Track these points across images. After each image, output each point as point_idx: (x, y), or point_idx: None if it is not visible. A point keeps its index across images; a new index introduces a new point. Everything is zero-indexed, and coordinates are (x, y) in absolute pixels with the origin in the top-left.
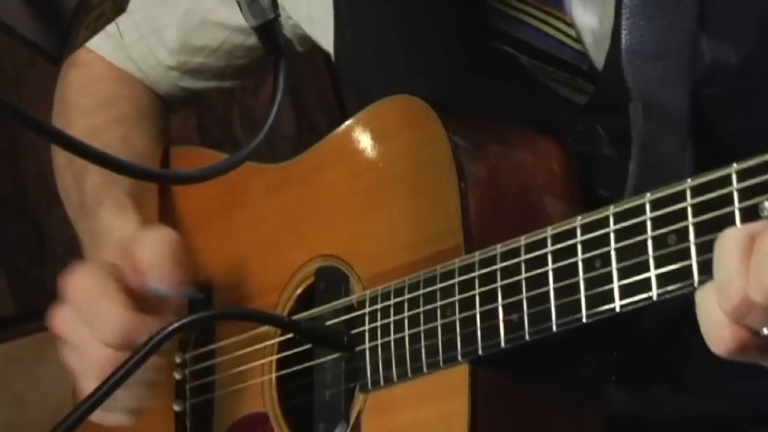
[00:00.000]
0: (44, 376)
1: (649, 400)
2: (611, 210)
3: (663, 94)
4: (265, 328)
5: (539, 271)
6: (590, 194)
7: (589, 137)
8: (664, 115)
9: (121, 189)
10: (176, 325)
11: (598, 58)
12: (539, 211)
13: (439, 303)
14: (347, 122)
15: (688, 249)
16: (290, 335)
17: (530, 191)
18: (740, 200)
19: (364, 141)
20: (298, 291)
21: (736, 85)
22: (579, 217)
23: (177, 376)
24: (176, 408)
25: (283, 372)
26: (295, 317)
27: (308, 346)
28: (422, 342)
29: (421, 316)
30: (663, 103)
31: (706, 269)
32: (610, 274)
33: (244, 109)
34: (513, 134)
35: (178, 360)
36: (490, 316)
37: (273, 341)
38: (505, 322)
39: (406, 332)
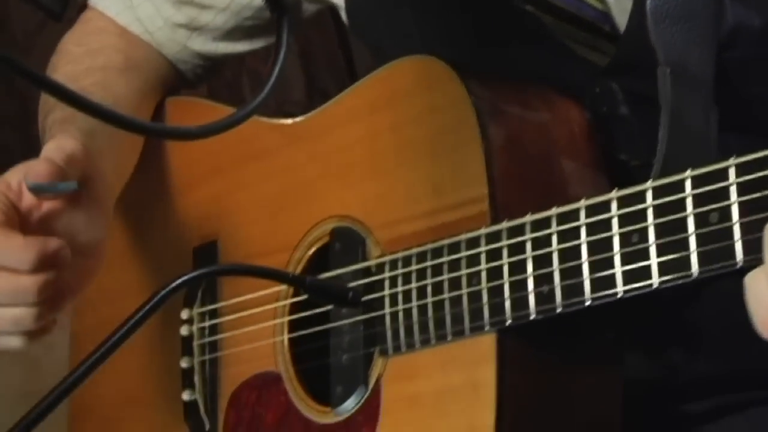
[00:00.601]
0: (59, 342)
1: (665, 366)
2: (649, 185)
3: (689, 58)
4: (275, 289)
5: (572, 243)
6: (609, 157)
7: (607, 99)
8: (691, 79)
9: (77, 125)
10: (181, 279)
11: (621, 19)
12: (562, 175)
13: (464, 271)
14: (362, 81)
15: (731, 228)
16: (302, 297)
17: (553, 155)
18: None
19: (381, 101)
20: (311, 251)
21: (758, 49)
22: (614, 191)
23: (183, 332)
24: (183, 365)
25: (297, 334)
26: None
27: (322, 308)
28: (447, 310)
29: (446, 284)
30: (689, 67)
31: (749, 250)
32: (647, 249)
33: (253, 73)
34: (534, 96)
35: (184, 316)
36: (519, 287)
37: (284, 302)
38: (535, 294)
39: (429, 299)
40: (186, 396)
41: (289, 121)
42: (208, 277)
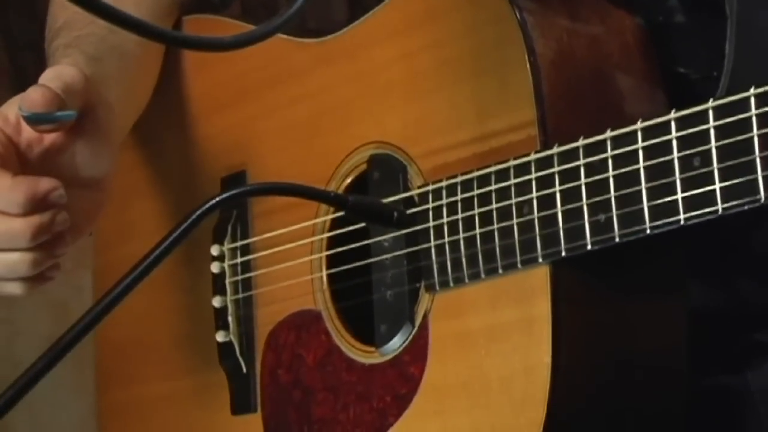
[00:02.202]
0: (87, 284)
1: (732, 295)
2: (710, 104)
3: None
4: (310, 222)
5: (629, 168)
6: (666, 71)
7: (662, 7)
8: None
9: (81, 49)
10: (218, 198)
11: None
12: (617, 93)
13: (514, 200)
14: None
15: None
16: (340, 230)
17: (607, 71)
18: None
19: (419, 17)
20: (347, 181)
21: None
22: (673, 111)
23: (214, 269)
24: (216, 304)
25: (336, 270)
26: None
27: (362, 243)
28: (496, 241)
29: (494, 214)
30: None
31: None
32: (711, 174)
33: None
34: (584, 7)
35: (214, 252)
36: (573, 216)
37: (322, 236)
38: (591, 223)
39: (477, 230)
40: (220, 337)
41: (321, 40)
42: (248, 197)
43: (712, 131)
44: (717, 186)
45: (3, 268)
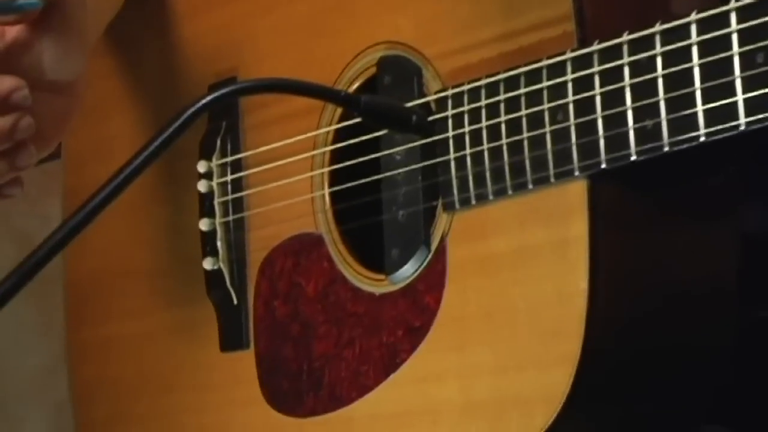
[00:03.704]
0: (54, 214)
1: None
2: None
3: None
4: (311, 134)
5: (681, 67)
6: None
7: None
8: None
9: None
10: (212, 95)
11: None
12: None
13: (546, 105)
14: None
15: None
16: (343, 144)
17: None
18: None
19: None
20: (355, 85)
21: None
22: (732, 1)
23: (201, 188)
24: (203, 227)
25: (340, 187)
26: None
27: (371, 156)
28: (526, 153)
29: (524, 121)
30: None
31: None
32: None
33: None
34: None
35: (202, 169)
36: (615, 122)
37: (323, 149)
38: (636, 130)
39: (504, 140)
40: (207, 265)
41: None
42: (245, 95)
43: None
44: None
45: None
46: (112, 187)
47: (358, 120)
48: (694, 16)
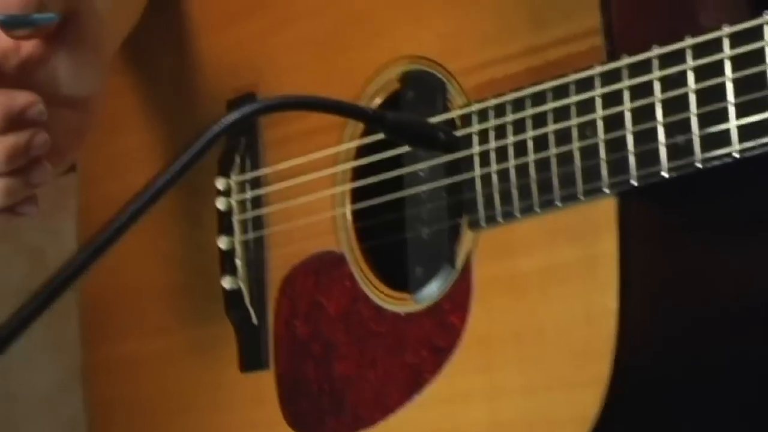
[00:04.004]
0: (66, 229)
1: None
2: None
3: None
4: (332, 150)
5: (713, 81)
6: None
7: None
8: None
9: None
10: (233, 117)
11: None
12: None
13: (574, 120)
14: None
15: None
16: (366, 160)
17: None
18: None
19: None
20: (377, 101)
21: None
22: (765, 12)
23: (220, 205)
24: (222, 245)
25: (363, 204)
26: None
27: (394, 172)
28: (553, 169)
29: (551, 137)
30: None
31: None
32: None
33: None
34: None
35: (220, 186)
36: (646, 138)
37: (345, 165)
38: (668, 146)
39: (531, 157)
40: (227, 284)
41: None
42: (271, 112)
43: None
44: None
45: None
46: (133, 209)
47: (381, 136)
48: (726, 30)
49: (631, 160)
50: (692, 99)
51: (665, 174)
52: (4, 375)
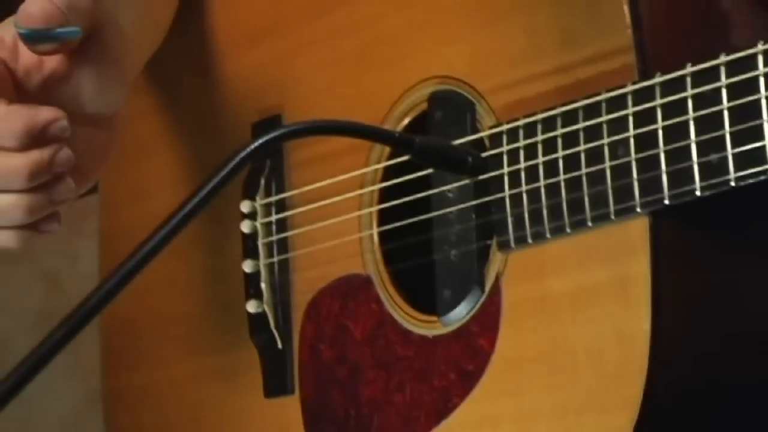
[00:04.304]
0: (83, 253)
1: None
2: None
3: None
4: (359, 171)
5: (747, 99)
6: None
7: None
8: None
9: None
10: (258, 142)
11: None
12: (728, 12)
13: (606, 140)
14: None
15: None
16: (393, 180)
17: None
18: None
19: None
20: (405, 122)
21: None
22: None
23: (245, 228)
24: (246, 269)
25: (389, 226)
26: None
27: (421, 194)
28: (585, 189)
29: (582, 157)
30: None
31: None
32: None
33: None
34: None
35: (245, 209)
36: (679, 156)
37: (372, 188)
38: (701, 164)
39: (562, 176)
40: (251, 308)
41: None
42: (299, 137)
43: None
44: None
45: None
46: (160, 237)
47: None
48: (760, 47)
49: (664, 178)
50: (726, 117)
51: (699, 193)
52: (21, 401)
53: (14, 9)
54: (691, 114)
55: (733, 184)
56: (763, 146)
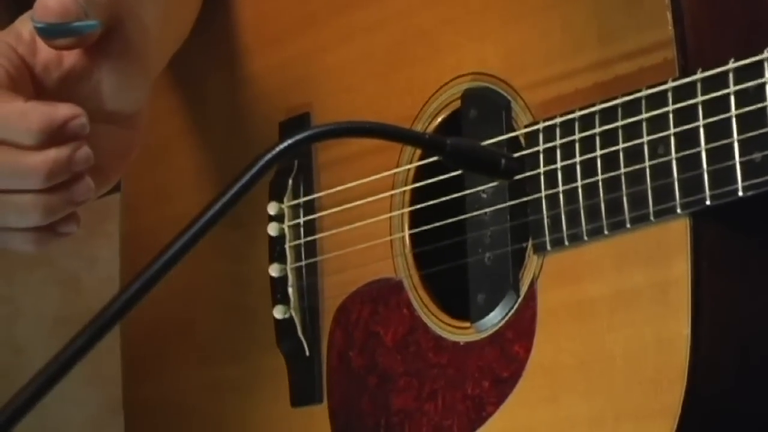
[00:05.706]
0: (102, 256)
1: None
2: None
3: None
4: (388, 172)
5: None
6: None
7: None
8: None
9: None
10: (284, 145)
11: None
12: None
13: (646, 138)
14: None
15: None
16: (425, 181)
17: None
18: None
19: None
20: (438, 120)
21: None
22: None
23: (272, 231)
24: (273, 273)
25: (421, 229)
26: None
27: (453, 195)
28: (623, 189)
29: (621, 155)
30: None
31: None
32: None
33: None
34: None
35: (272, 211)
36: (721, 155)
37: (403, 189)
38: (743, 163)
39: (600, 176)
40: (278, 313)
41: None
42: (322, 140)
43: None
44: None
45: (12, 213)
46: (182, 242)
47: None
48: None
49: (705, 178)
50: None
51: (741, 193)
52: (39, 409)
53: (32, 3)
54: (733, 111)
55: None
56: None
